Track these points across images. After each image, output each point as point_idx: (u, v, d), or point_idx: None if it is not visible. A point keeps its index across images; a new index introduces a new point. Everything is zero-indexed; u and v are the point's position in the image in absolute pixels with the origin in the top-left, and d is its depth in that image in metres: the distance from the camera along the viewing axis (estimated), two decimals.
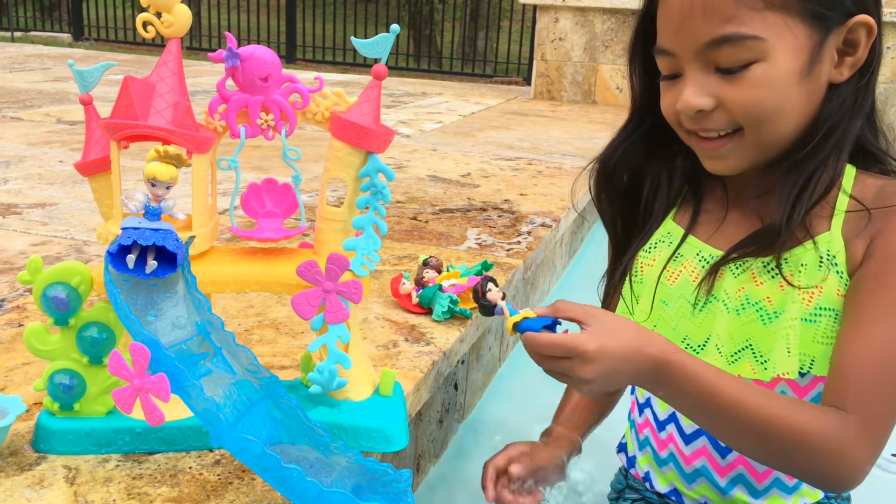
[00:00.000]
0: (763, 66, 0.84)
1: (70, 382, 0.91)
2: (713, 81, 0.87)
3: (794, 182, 0.88)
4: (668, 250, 1.02)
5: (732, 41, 0.84)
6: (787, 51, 0.84)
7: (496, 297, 0.89)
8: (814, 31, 0.84)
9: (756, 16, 0.83)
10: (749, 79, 0.85)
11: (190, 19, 0.90)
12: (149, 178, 0.85)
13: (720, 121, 0.88)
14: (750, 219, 0.96)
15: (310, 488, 0.78)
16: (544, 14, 5.11)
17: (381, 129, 0.93)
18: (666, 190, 1.04)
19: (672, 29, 0.88)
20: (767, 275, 0.92)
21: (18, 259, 1.64)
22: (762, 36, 0.83)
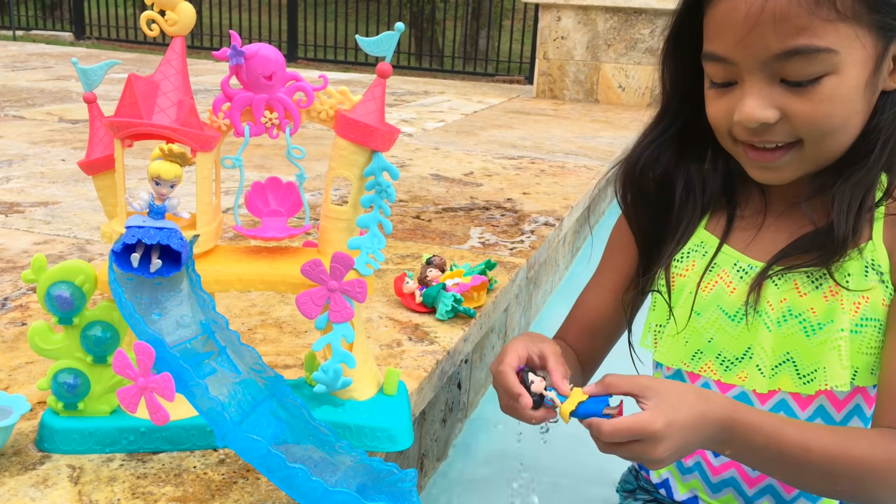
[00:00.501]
0: (834, 79, 0.82)
1: (74, 381, 0.91)
2: (777, 93, 0.84)
3: (856, 192, 0.86)
4: (702, 260, 0.99)
5: (805, 54, 0.80)
6: (856, 63, 0.82)
7: (540, 388, 0.86)
8: (879, 42, 0.83)
9: (829, 27, 0.80)
10: (819, 93, 0.82)
11: (194, 17, 0.90)
12: (153, 177, 0.85)
13: (781, 134, 0.85)
14: (790, 226, 0.94)
15: (315, 488, 0.78)
16: (546, 13, 5.10)
17: (386, 127, 0.92)
18: (699, 195, 1.01)
19: (734, 37, 0.83)
20: (812, 285, 0.90)
21: (21, 258, 1.64)
22: (835, 48, 0.80)
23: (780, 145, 0.87)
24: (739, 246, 0.97)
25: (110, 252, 0.86)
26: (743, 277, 0.95)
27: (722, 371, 0.96)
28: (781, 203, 0.96)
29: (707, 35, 0.88)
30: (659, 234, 1.03)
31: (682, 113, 0.98)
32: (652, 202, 1.03)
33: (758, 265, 0.94)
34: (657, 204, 1.03)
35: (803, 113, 0.83)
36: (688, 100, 0.97)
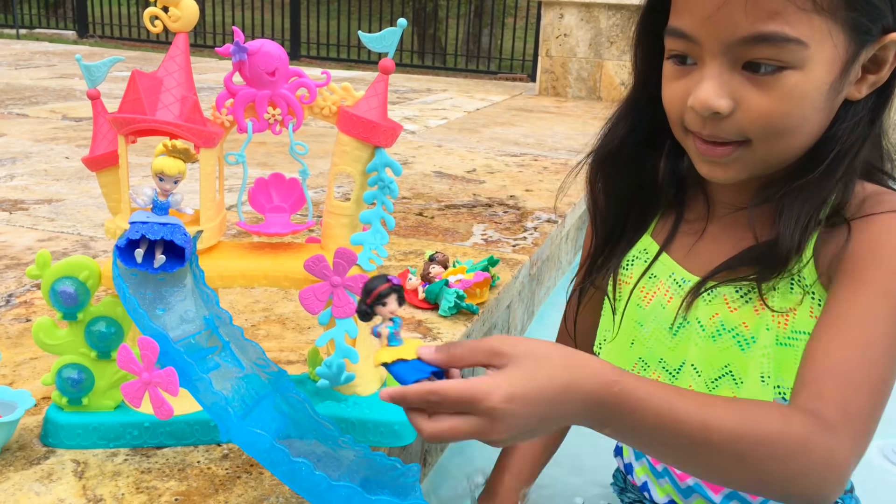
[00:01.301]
0: (797, 75, 0.75)
1: (78, 377, 0.91)
2: (737, 82, 0.77)
3: (806, 207, 0.81)
4: (643, 267, 0.95)
5: (773, 41, 0.74)
6: (824, 62, 0.76)
7: (385, 313, 0.71)
8: (851, 44, 0.76)
9: (803, 17, 0.73)
10: (779, 87, 0.76)
11: (197, 14, 0.90)
12: (157, 173, 0.86)
13: (731, 129, 0.79)
14: (731, 237, 0.89)
15: (318, 482, 0.78)
16: (549, 10, 5.10)
17: (389, 123, 0.93)
18: (654, 191, 0.96)
19: (702, 13, 0.76)
20: (741, 300, 0.86)
21: (25, 254, 1.64)
22: (805, 41, 0.74)
23: (728, 141, 0.80)
24: (678, 255, 0.94)
25: (114, 248, 0.86)
26: (677, 291, 0.92)
27: (669, 380, 0.92)
28: (724, 210, 0.91)
29: (674, 9, 0.81)
30: (613, 232, 0.99)
31: (647, 107, 0.91)
32: (618, 197, 0.97)
33: (691, 279, 0.90)
34: (624, 199, 0.97)
35: (758, 107, 0.77)
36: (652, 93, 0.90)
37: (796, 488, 0.72)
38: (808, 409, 0.73)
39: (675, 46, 0.81)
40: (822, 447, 0.70)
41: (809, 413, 0.72)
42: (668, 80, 0.84)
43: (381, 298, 0.72)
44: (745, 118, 0.78)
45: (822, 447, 0.70)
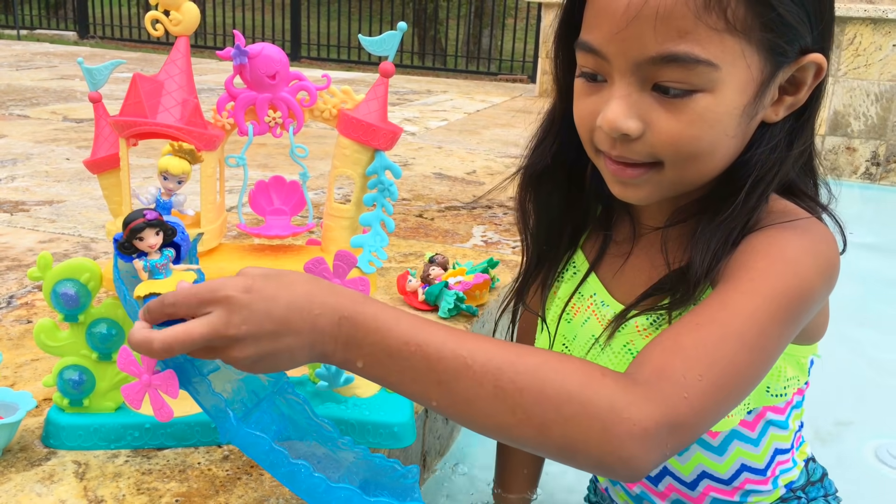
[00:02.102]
0: (708, 98, 0.71)
1: (79, 378, 0.92)
2: (646, 103, 0.73)
3: (718, 234, 0.77)
4: (572, 280, 0.93)
5: (682, 62, 0.70)
6: (736, 84, 0.72)
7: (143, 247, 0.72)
8: (766, 65, 0.73)
9: (714, 38, 0.69)
10: (689, 110, 0.72)
11: (198, 17, 0.91)
12: (161, 172, 0.87)
13: (640, 152, 0.75)
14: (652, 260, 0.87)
15: (317, 484, 0.78)
16: (549, 11, 5.10)
17: (389, 126, 0.93)
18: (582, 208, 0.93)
19: (611, 28, 0.72)
20: (651, 327, 0.83)
21: (26, 256, 1.65)
22: (716, 63, 0.70)
23: (638, 163, 0.77)
24: (606, 276, 0.92)
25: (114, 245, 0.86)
26: (598, 311, 0.90)
27: None
28: (644, 229, 0.89)
29: (585, 23, 0.77)
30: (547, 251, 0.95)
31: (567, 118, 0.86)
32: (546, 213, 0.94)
33: (613, 304, 0.89)
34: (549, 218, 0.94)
35: (668, 130, 0.73)
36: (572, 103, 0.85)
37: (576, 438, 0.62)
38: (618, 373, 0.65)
39: (585, 62, 0.77)
40: (608, 394, 0.62)
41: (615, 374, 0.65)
42: (578, 97, 0.80)
43: (135, 233, 0.73)
44: (655, 140, 0.74)
45: (607, 394, 0.62)
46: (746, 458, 0.89)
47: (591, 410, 0.61)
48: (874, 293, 2.43)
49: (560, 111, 0.89)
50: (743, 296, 0.71)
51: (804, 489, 0.96)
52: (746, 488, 0.90)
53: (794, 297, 0.72)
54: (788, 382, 0.87)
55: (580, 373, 0.63)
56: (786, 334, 0.73)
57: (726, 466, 0.89)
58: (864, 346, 2.11)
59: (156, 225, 0.73)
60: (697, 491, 0.91)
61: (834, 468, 1.04)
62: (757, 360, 0.70)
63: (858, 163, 4.23)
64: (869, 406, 1.87)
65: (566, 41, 0.83)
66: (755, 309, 0.70)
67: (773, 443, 0.90)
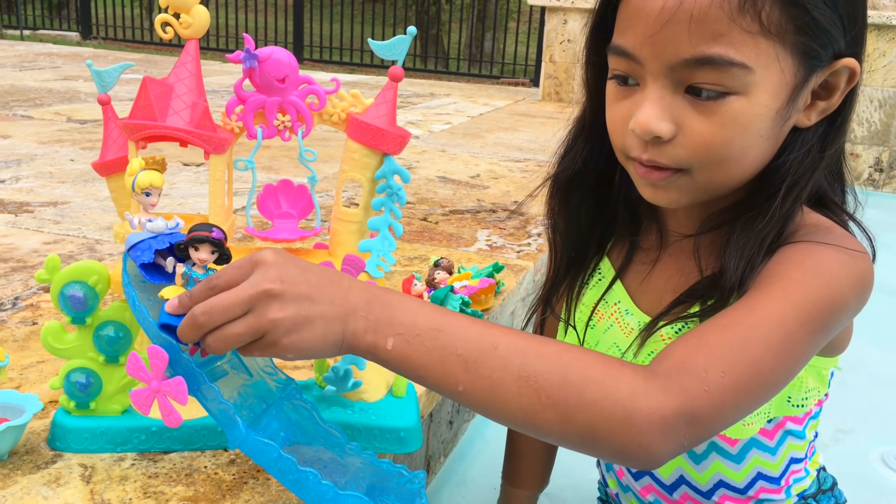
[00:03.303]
0: (742, 101, 0.71)
1: (86, 381, 0.91)
2: (679, 106, 0.73)
3: (752, 241, 0.77)
4: (597, 289, 0.93)
5: (716, 65, 0.70)
6: (770, 88, 0.72)
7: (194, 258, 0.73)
8: (799, 69, 0.72)
9: (749, 40, 0.69)
10: (722, 112, 0.72)
11: (208, 20, 0.91)
12: (144, 188, 0.82)
13: (672, 156, 0.75)
14: (680, 269, 0.87)
15: (325, 491, 0.78)
16: (553, 15, 5.11)
17: (397, 130, 0.93)
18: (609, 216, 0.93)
19: (644, 31, 0.72)
20: (676, 336, 0.83)
21: (31, 257, 1.65)
22: (750, 65, 0.70)
23: (668, 166, 0.76)
24: (632, 284, 0.91)
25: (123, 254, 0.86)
26: (622, 319, 0.90)
27: None
28: (674, 237, 0.88)
29: (617, 27, 0.77)
30: (576, 258, 0.95)
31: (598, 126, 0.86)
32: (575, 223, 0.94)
33: (638, 314, 0.89)
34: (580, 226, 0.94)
35: (700, 133, 0.73)
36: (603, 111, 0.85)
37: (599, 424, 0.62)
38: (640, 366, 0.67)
39: (618, 66, 0.77)
40: (628, 381, 0.62)
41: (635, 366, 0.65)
42: (610, 102, 0.80)
43: (194, 242, 0.75)
44: (687, 144, 0.74)
45: (627, 381, 0.62)
46: (763, 466, 0.89)
47: (612, 395, 0.62)
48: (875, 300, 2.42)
49: (590, 117, 0.89)
50: (773, 301, 0.71)
51: (815, 497, 0.96)
52: (760, 497, 0.90)
53: (826, 308, 0.72)
54: (809, 393, 0.86)
55: (601, 361, 0.64)
56: (813, 344, 0.73)
57: (743, 475, 0.89)
58: (867, 353, 2.11)
59: (217, 245, 0.75)
60: (712, 500, 0.91)
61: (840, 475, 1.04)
62: (781, 365, 0.70)
63: (861, 169, 4.23)
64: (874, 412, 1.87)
65: (597, 46, 0.84)
66: (784, 315, 0.70)
67: (789, 452, 0.90)
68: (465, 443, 1.62)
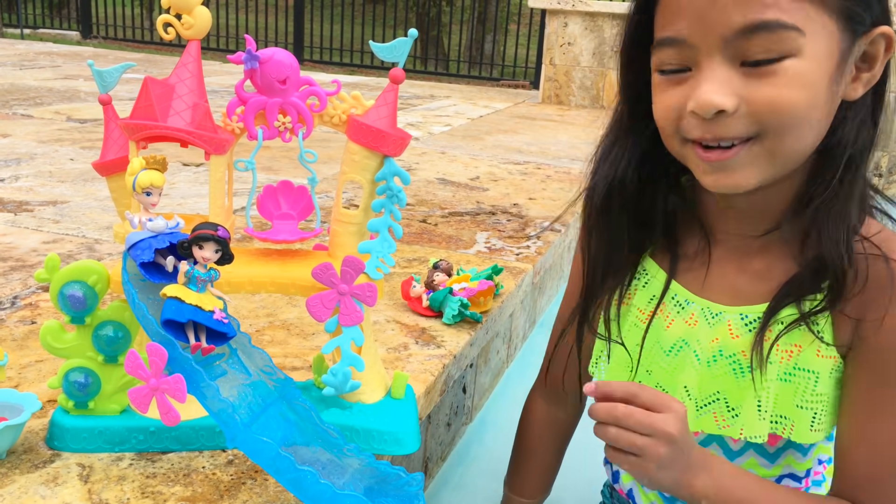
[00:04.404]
0: (798, 62, 0.73)
1: (85, 380, 0.91)
2: (737, 79, 0.74)
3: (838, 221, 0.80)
4: (644, 291, 0.94)
5: (770, 29, 0.72)
6: (821, 50, 0.74)
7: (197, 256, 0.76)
8: (845, 35, 0.75)
9: (796, 5, 0.72)
10: (782, 75, 0.73)
11: (210, 21, 0.91)
12: (145, 188, 0.83)
13: (738, 128, 0.75)
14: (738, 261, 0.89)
15: (323, 490, 0.78)
16: (553, 18, 5.11)
17: (398, 132, 0.93)
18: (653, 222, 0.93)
19: (694, 13, 0.74)
20: (745, 328, 0.86)
21: (30, 256, 1.65)
22: (801, 27, 0.72)
23: (734, 143, 0.77)
24: (684, 280, 0.92)
25: (123, 253, 0.86)
26: (680, 312, 0.91)
27: None
28: (726, 238, 0.90)
29: (661, 23, 0.79)
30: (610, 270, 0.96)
31: (635, 131, 0.89)
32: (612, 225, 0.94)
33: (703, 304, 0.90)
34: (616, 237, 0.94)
35: (765, 97, 0.74)
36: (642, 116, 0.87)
37: None
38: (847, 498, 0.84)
39: (668, 58, 0.78)
40: None
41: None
42: (659, 93, 0.81)
43: (199, 240, 0.77)
44: (753, 111, 0.75)
45: None
46: (793, 466, 0.92)
47: None
48: None
49: (628, 121, 0.90)
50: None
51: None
52: None
53: None
54: None
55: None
56: None
57: (774, 474, 0.93)
58: None
59: (221, 244, 0.78)
60: None
61: None
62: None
63: None
64: None
65: (634, 51, 0.86)
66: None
67: (817, 454, 0.93)
68: (464, 445, 1.62)
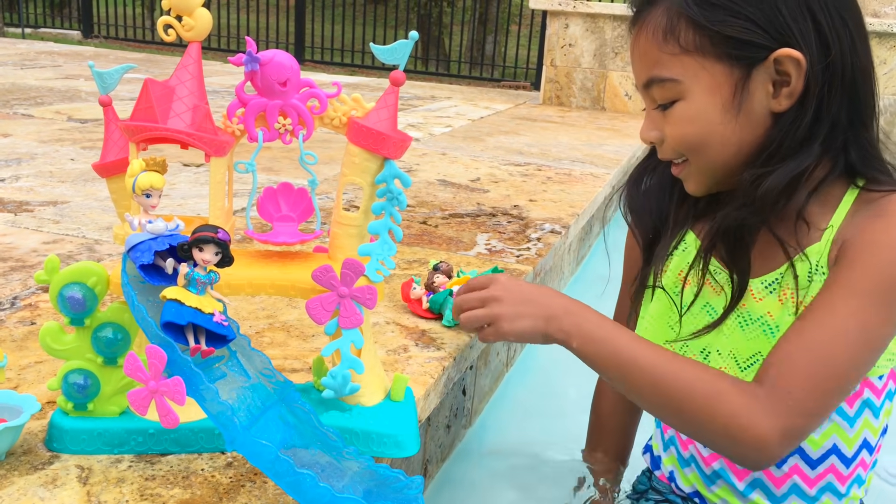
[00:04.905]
0: (682, 104, 0.94)
1: (84, 382, 0.91)
2: (658, 116, 0.98)
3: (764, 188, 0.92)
4: (681, 256, 1.07)
5: (657, 82, 0.94)
6: (703, 89, 0.92)
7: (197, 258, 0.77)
8: (733, 69, 0.91)
9: (674, 60, 0.92)
10: (673, 115, 0.95)
11: (211, 23, 0.91)
12: (144, 189, 0.83)
13: (669, 153, 0.99)
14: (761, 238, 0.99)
15: (322, 493, 0.78)
16: (554, 20, 5.11)
17: (398, 135, 0.93)
18: (692, 202, 1.08)
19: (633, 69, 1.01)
20: (766, 290, 0.97)
21: (30, 257, 1.65)
22: (678, 78, 0.93)
23: (677, 162, 1.00)
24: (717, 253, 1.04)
25: (123, 255, 0.86)
26: (720, 281, 1.03)
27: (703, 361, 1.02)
28: None
29: None
30: (655, 232, 1.12)
31: None
32: (650, 203, 1.12)
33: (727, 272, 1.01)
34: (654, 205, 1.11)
35: (669, 133, 0.96)
36: None
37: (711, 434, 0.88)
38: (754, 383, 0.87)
39: None
40: (733, 402, 0.85)
41: (750, 385, 0.87)
42: None
43: (199, 242, 0.78)
44: (669, 142, 0.97)
45: (732, 402, 0.85)
46: (840, 437, 0.97)
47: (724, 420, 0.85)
48: None
49: None
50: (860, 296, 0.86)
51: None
52: (827, 479, 0.98)
53: None
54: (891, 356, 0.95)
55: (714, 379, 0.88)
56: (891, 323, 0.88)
57: (820, 443, 0.97)
58: None
59: (222, 246, 0.79)
60: (782, 470, 0.99)
61: None
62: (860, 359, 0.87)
63: None
64: None
65: None
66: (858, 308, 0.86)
67: (864, 430, 0.97)
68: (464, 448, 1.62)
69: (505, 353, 1.91)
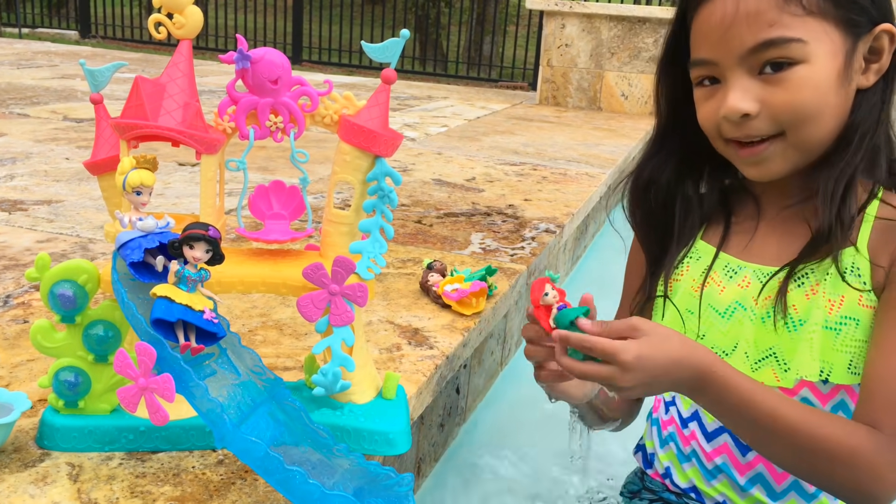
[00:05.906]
0: (805, 67, 0.89)
1: (75, 380, 0.91)
2: (757, 86, 0.91)
3: (838, 181, 0.91)
4: (696, 265, 1.06)
5: (777, 44, 0.88)
6: (826, 54, 0.89)
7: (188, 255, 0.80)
8: (847, 37, 0.90)
9: (797, 21, 0.88)
10: (792, 80, 0.89)
11: (201, 21, 0.91)
12: (135, 187, 0.83)
13: (762, 126, 0.92)
14: (782, 229, 1.01)
15: (312, 491, 0.78)
16: (551, 20, 5.12)
17: (390, 133, 0.93)
18: (698, 207, 1.07)
19: (714, 38, 0.92)
20: (794, 283, 0.96)
21: (24, 255, 1.65)
22: (804, 38, 0.88)
23: (764, 138, 0.93)
24: (735, 251, 1.04)
25: (113, 253, 0.86)
26: (732, 277, 1.01)
27: None
28: (773, 209, 1.03)
29: (693, 45, 0.96)
30: (662, 246, 1.09)
31: (677, 133, 1.05)
32: (656, 219, 1.09)
33: (753, 267, 1.00)
34: (660, 220, 1.09)
35: (781, 101, 0.90)
36: (682, 119, 1.03)
37: (842, 492, 0.88)
38: (867, 423, 0.87)
39: (700, 73, 0.96)
40: (869, 462, 0.84)
41: (867, 430, 0.86)
42: (700, 103, 0.98)
43: (190, 240, 0.78)
44: (773, 112, 0.91)
45: (868, 462, 0.84)
46: None
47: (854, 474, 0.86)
48: None
49: (669, 127, 1.07)
50: None
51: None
52: None
53: None
54: None
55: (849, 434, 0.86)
56: None
57: None
58: None
59: (212, 244, 0.79)
60: None
61: None
62: None
63: None
64: None
65: (668, 75, 1.04)
66: None
67: None
68: (457, 446, 1.62)
69: (499, 352, 1.91)
